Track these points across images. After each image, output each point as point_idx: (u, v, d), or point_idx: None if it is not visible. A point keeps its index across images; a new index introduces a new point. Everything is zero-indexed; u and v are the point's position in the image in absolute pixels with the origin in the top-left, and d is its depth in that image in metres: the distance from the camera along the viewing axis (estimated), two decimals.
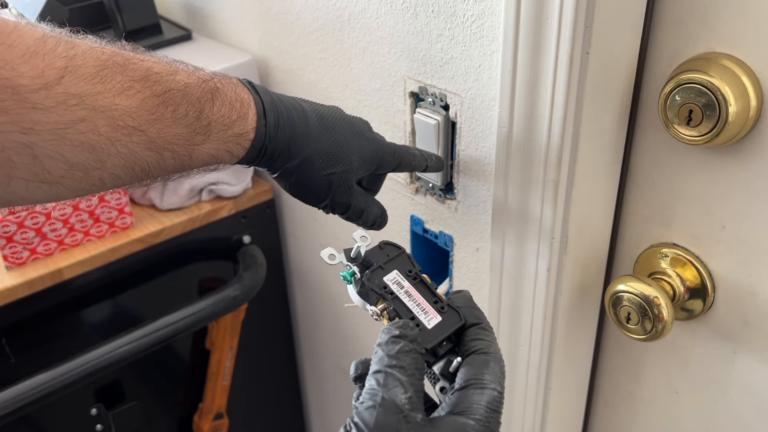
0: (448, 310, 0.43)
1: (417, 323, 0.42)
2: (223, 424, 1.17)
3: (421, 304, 0.44)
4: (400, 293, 0.44)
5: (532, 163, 0.60)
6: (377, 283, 0.44)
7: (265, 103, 0.54)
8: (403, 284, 0.45)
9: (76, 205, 0.93)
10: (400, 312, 0.43)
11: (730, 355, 0.62)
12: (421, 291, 0.44)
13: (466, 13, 0.63)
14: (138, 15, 1.03)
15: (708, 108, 0.51)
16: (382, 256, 0.46)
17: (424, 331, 0.42)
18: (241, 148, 0.52)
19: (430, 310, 0.43)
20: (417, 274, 0.45)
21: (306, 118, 0.56)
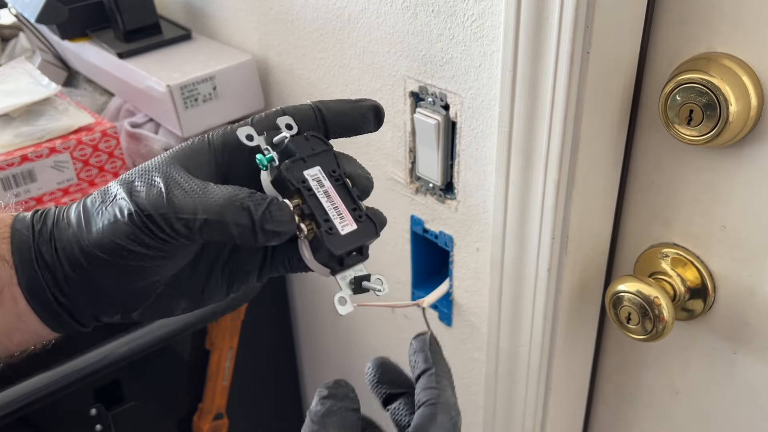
0: (366, 221, 0.40)
1: (330, 226, 0.39)
2: (222, 425, 1.17)
3: (339, 207, 0.40)
4: (318, 191, 0.40)
5: (533, 163, 0.60)
6: (296, 176, 0.40)
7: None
8: (324, 183, 0.40)
9: None
10: (315, 211, 0.39)
11: (731, 356, 0.62)
12: (341, 194, 0.40)
13: (466, 12, 0.63)
14: (138, 15, 1.03)
15: (708, 108, 0.51)
16: (306, 148, 0.41)
17: (336, 236, 0.39)
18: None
19: (347, 216, 0.40)
20: (340, 176, 0.41)
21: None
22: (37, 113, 0.92)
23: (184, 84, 0.91)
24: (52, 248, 0.38)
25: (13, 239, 0.39)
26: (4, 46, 1.26)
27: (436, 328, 0.87)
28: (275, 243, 0.38)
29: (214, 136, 0.41)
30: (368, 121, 0.43)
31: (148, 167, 0.39)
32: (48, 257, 0.38)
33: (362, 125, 0.43)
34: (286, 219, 0.37)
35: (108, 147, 0.92)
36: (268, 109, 1.07)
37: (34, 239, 0.39)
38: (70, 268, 0.38)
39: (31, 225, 0.39)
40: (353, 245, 0.40)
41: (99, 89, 1.15)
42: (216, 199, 0.36)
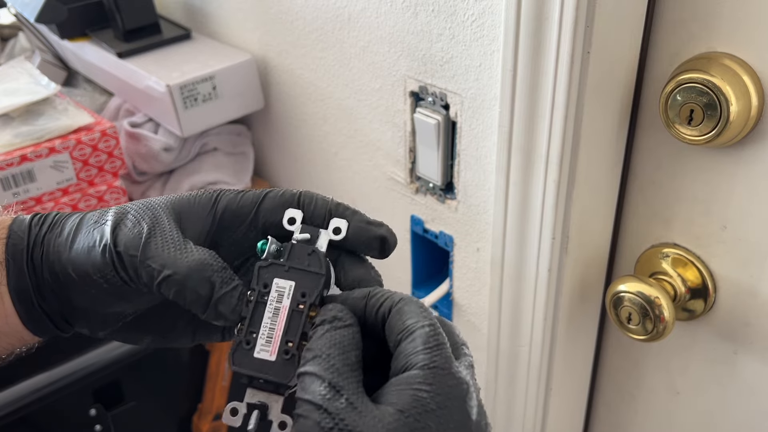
0: (289, 360, 0.36)
1: (249, 340, 0.36)
2: (222, 425, 1.17)
3: (274, 331, 0.37)
4: (270, 304, 0.37)
5: (533, 163, 0.60)
6: (263, 278, 0.38)
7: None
8: (282, 301, 0.38)
9: (75, 205, 0.93)
10: (250, 321, 0.37)
11: (731, 356, 0.62)
12: (290, 322, 0.37)
13: (466, 12, 0.63)
14: (137, 14, 1.03)
15: (709, 108, 0.51)
16: (300, 260, 0.38)
17: (244, 353, 0.36)
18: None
19: (274, 344, 0.37)
20: (307, 305, 0.37)
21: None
22: (37, 113, 0.92)
23: (183, 84, 0.91)
24: (41, 252, 0.39)
25: (9, 240, 0.39)
26: (4, 45, 1.25)
27: None
28: (218, 323, 0.37)
29: (221, 196, 0.40)
30: (373, 249, 0.40)
31: (146, 205, 0.39)
32: (36, 260, 0.39)
33: (365, 251, 0.40)
34: (237, 311, 0.37)
35: (107, 147, 0.92)
36: (268, 108, 1.07)
37: (28, 242, 0.39)
38: (49, 275, 0.39)
39: (29, 228, 0.40)
40: (252, 373, 0.36)
41: (98, 89, 1.15)
42: (188, 261, 0.36)
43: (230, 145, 1.05)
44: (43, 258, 0.39)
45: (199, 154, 1.04)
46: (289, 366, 0.36)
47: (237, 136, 1.06)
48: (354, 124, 0.84)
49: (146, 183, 1.04)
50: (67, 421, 1.01)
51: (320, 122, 0.91)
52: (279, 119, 1.00)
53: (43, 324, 0.40)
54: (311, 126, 0.93)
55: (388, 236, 0.40)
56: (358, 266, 0.40)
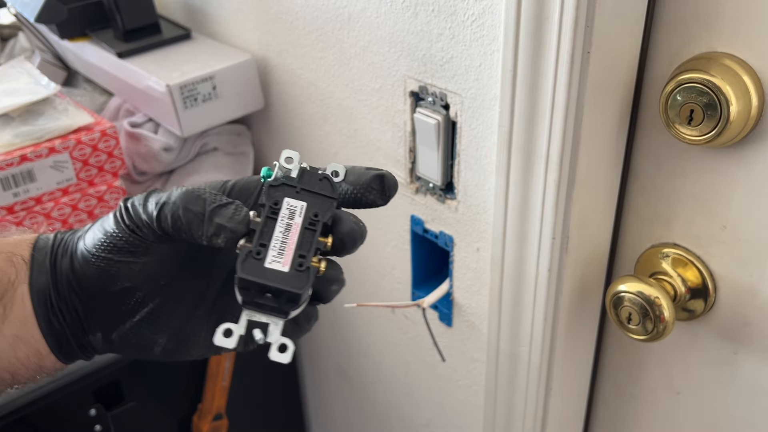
0: (304, 272, 0.35)
1: (259, 251, 0.35)
2: (222, 425, 1.17)
3: (287, 244, 0.36)
4: (281, 220, 0.36)
5: (533, 163, 0.60)
6: (272, 196, 0.37)
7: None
8: (294, 219, 0.37)
9: (74, 205, 0.93)
10: (260, 232, 0.36)
11: (732, 356, 0.62)
12: (303, 237, 0.36)
13: (466, 12, 0.63)
14: (137, 14, 1.03)
15: (709, 108, 0.51)
16: (311, 185, 0.38)
17: (255, 263, 0.35)
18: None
19: (286, 255, 0.35)
20: (319, 224, 0.37)
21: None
22: (37, 113, 0.92)
23: (183, 84, 0.91)
24: (64, 252, 0.41)
25: (36, 243, 0.42)
26: (4, 45, 1.25)
27: (436, 328, 0.86)
28: (221, 242, 0.36)
29: (231, 180, 0.42)
30: (373, 190, 0.40)
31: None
32: (58, 257, 0.41)
33: (366, 194, 0.40)
34: (235, 219, 0.36)
35: (107, 147, 0.92)
36: (268, 108, 1.07)
37: (53, 243, 0.41)
38: (68, 268, 0.40)
39: (56, 235, 0.42)
40: (263, 281, 0.35)
41: (98, 89, 1.15)
42: (181, 189, 0.38)
43: (230, 145, 1.05)
44: (65, 257, 0.40)
45: (199, 154, 1.04)
46: (303, 277, 0.35)
47: (237, 136, 1.06)
48: (354, 124, 0.84)
49: (146, 183, 1.04)
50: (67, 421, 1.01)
51: (320, 122, 0.91)
52: (279, 119, 1.00)
53: (59, 333, 0.40)
54: (311, 126, 0.93)
55: (387, 174, 0.40)
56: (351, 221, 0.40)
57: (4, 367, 0.40)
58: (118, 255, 0.39)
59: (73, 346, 0.41)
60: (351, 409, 1.21)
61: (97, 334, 0.41)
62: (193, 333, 0.42)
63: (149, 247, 0.39)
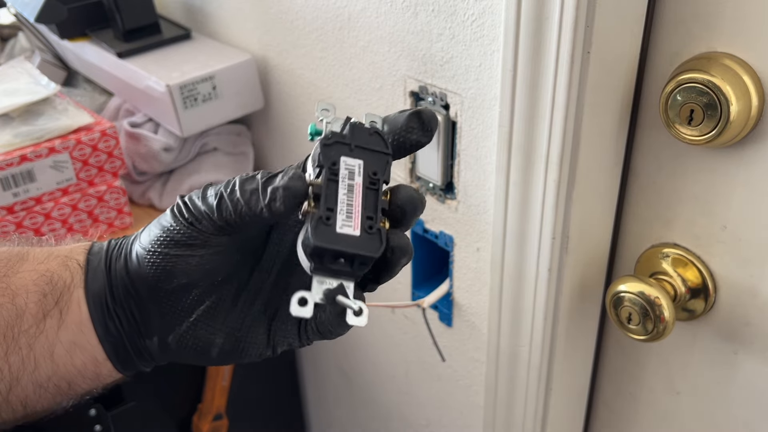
0: (374, 234, 0.35)
1: (329, 216, 0.34)
2: (222, 425, 1.17)
3: (353, 206, 0.35)
4: (342, 181, 0.35)
5: (533, 163, 0.60)
6: (329, 155, 0.36)
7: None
8: (355, 178, 0.36)
9: (74, 205, 0.93)
10: (324, 196, 0.35)
11: (732, 356, 0.62)
12: (367, 198, 0.36)
13: (466, 12, 0.63)
14: (137, 14, 1.03)
15: (709, 108, 0.51)
16: (362, 140, 0.37)
17: (326, 229, 0.34)
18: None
19: (355, 218, 0.35)
20: (380, 182, 0.36)
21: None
22: (37, 113, 0.92)
23: (183, 84, 0.91)
24: (118, 255, 0.41)
25: (91, 248, 0.42)
26: (4, 45, 1.25)
27: (436, 328, 0.86)
28: (280, 206, 0.35)
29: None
30: (414, 129, 0.39)
31: None
32: (113, 264, 0.41)
33: (408, 136, 0.39)
34: (288, 177, 0.35)
35: (107, 147, 0.92)
36: (268, 108, 1.07)
37: (108, 248, 0.41)
38: (123, 270, 0.40)
39: (110, 240, 0.42)
40: (339, 247, 0.34)
41: (98, 89, 1.15)
42: (237, 177, 0.38)
43: (230, 145, 1.05)
44: (120, 258, 0.40)
45: (199, 154, 1.04)
46: (376, 239, 0.35)
47: (237, 136, 1.06)
48: None
49: (146, 183, 1.04)
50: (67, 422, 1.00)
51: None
52: (279, 119, 1.00)
53: (116, 338, 0.40)
54: None
55: (423, 109, 0.40)
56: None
57: (61, 375, 0.39)
58: (175, 249, 0.38)
59: (129, 353, 0.41)
60: (351, 409, 1.21)
61: (153, 338, 0.40)
62: (250, 331, 0.41)
63: (207, 240, 0.38)
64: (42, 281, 0.39)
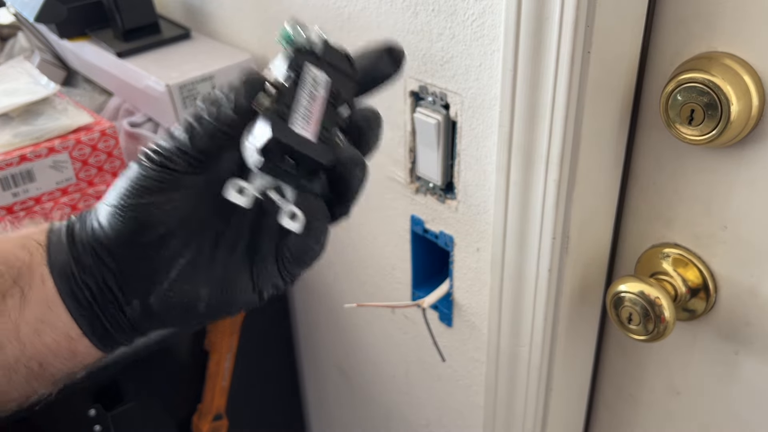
0: (327, 145, 0.35)
1: (284, 113, 0.34)
2: (222, 425, 1.17)
3: (311, 114, 0.35)
4: (304, 88, 0.35)
5: (533, 162, 0.60)
6: (296, 64, 0.35)
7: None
8: (318, 90, 0.35)
9: (74, 205, 0.92)
10: (282, 94, 0.35)
11: (732, 356, 0.62)
12: (326, 112, 0.35)
13: (466, 11, 0.62)
14: (137, 14, 1.03)
15: (710, 108, 0.51)
16: (334, 58, 0.37)
17: (281, 124, 0.34)
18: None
19: (312, 125, 0.34)
20: (341, 101, 0.36)
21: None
22: (36, 113, 0.92)
23: (183, 83, 0.91)
24: (82, 225, 0.39)
25: (51, 227, 0.40)
26: (3, 45, 1.25)
27: (436, 328, 0.86)
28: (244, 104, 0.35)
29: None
30: (384, 63, 0.40)
31: None
32: (76, 234, 0.39)
33: (379, 67, 0.40)
34: (249, 76, 0.36)
35: (107, 147, 0.92)
36: None
37: (68, 223, 0.40)
38: (90, 237, 0.38)
39: (70, 217, 0.41)
40: (293, 144, 0.33)
41: (98, 89, 1.15)
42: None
43: None
44: (82, 224, 0.39)
45: None
46: (328, 149, 0.35)
47: None
48: None
49: None
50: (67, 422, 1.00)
51: None
52: None
53: (89, 311, 0.38)
54: None
55: (392, 44, 0.40)
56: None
57: (30, 355, 0.38)
58: (147, 197, 0.37)
59: (106, 326, 0.39)
60: (351, 409, 1.21)
61: (133, 302, 0.38)
62: (235, 279, 0.40)
63: (179, 181, 0.37)
64: None
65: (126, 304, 0.39)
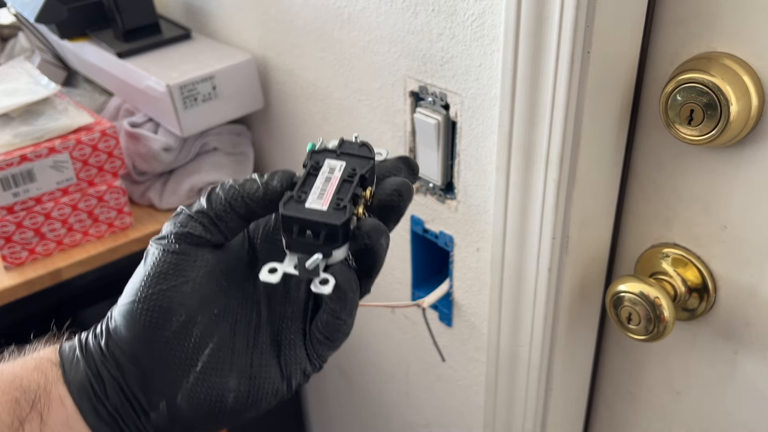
0: (341, 209, 0.36)
1: (301, 195, 0.37)
2: None
3: (326, 191, 0.37)
4: (322, 174, 0.38)
5: (533, 162, 0.60)
6: (314, 158, 0.39)
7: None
8: (334, 173, 0.38)
9: (74, 205, 0.93)
10: (302, 182, 0.38)
11: (731, 356, 0.62)
12: (340, 185, 0.38)
13: (466, 12, 0.63)
14: (137, 14, 1.03)
15: (709, 108, 0.51)
16: (350, 149, 0.40)
17: (295, 202, 0.36)
18: None
19: (326, 197, 0.37)
20: (360, 176, 0.38)
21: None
22: (36, 113, 0.92)
23: (183, 83, 0.91)
24: (95, 335, 0.38)
25: (61, 345, 0.40)
26: (4, 45, 1.25)
27: (436, 328, 0.86)
28: (277, 183, 0.38)
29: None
30: (399, 169, 0.41)
31: None
32: (90, 346, 0.38)
33: (395, 172, 0.41)
34: (281, 175, 0.38)
35: (107, 147, 0.92)
36: (268, 108, 1.07)
37: (79, 337, 0.39)
38: (105, 345, 0.37)
39: (78, 333, 0.40)
40: (303, 215, 0.36)
41: (98, 89, 1.15)
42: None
43: (230, 145, 1.05)
44: (95, 334, 0.38)
45: (199, 154, 1.04)
46: (341, 213, 0.36)
47: (237, 136, 1.06)
48: (354, 124, 0.84)
49: (146, 183, 1.04)
50: None
51: (320, 122, 0.91)
52: (279, 119, 1.00)
53: (111, 423, 0.37)
54: (311, 126, 0.93)
55: (407, 156, 0.42)
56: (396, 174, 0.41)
57: None
58: (165, 282, 0.36)
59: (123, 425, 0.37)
60: (351, 409, 1.21)
61: (160, 405, 0.37)
62: (263, 366, 0.39)
63: (195, 257, 0.37)
64: (11, 388, 0.36)
65: (151, 410, 0.37)
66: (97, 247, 0.96)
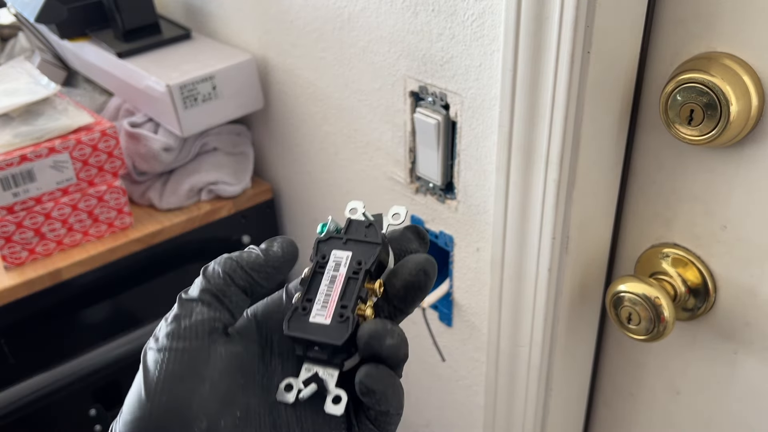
0: (344, 323, 0.36)
1: (305, 306, 0.37)
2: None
3: (330, 296, 0.37)
4: (327, 273, 0.38)
5: (533, 162, 0.60)
6: (322, 250, 0.39)
7: None
8: (340, 269, 0.38)
9: (74, 205, 0.93)
10: (307, 288, 0.38)
11: (731, 356, 0.62)
12: (346, 287, 0.37)
13: (466, 12, 0.63)
14: (137, 14, 1.03)
15: (709, 108, 0.51)
16: (357, 233, 0.39)
17: (300, 319, 0.36)
18: None
19: (329, 307, 0.37)
20: (365, 271, 0.37)
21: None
22: (37, 113, 0.92)
23: (183, 83, 0.91)
24: None
25: None
26: (4, 45, 1.25)
27: (436, 328, 0.86)
28: (277, 252, 0.37)
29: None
30: (410, 240, 0.40)
31: None
32: None
33: (406, 244, 0.40)
34: (281, 240, 0.37)
35: (107, 147, 0.92)
36: (268, 108, 1.07)
37: None
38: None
39: None
40: (305, 335, 0.35)
41: (98, 89, 1.15)
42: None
43: (230, 145, 1.05)
44: None
45: (199, 154, 1.04)
46: (343, 327, 0.36)
47: (237, 136, 1.06)
48: (354, 124, 0.84)
49: (146, 183, 1.04)
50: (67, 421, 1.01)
51: (320, 122, 0.91)
52: (279, 119, 1.00)
53: None
54: (311, 126, 0.93)
55: (414, 225, 0.41)
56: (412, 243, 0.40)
57: None
58: (181, 384, 0.32)
59: None
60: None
61: None
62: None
63: (209, 354, 0.33)
64: None
65: None
66: (97, 247, 0.96)
